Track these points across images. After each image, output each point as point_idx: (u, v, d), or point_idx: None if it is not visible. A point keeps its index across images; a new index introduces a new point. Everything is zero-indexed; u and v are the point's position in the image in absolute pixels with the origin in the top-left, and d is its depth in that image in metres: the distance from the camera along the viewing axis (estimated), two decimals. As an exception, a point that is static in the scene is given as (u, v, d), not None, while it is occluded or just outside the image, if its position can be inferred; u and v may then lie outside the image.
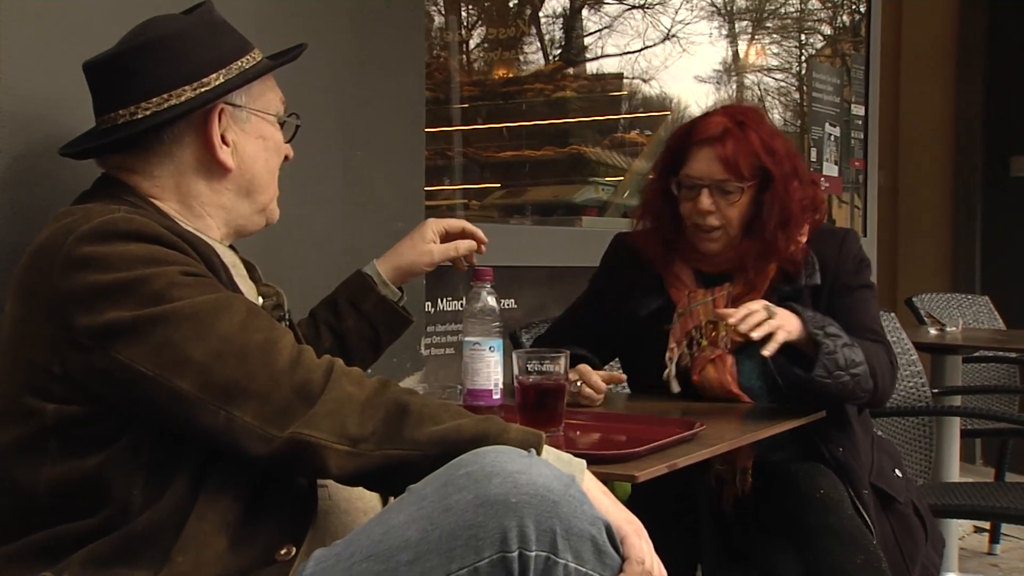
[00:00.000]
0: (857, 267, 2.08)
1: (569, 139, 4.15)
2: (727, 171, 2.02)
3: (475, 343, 1.69)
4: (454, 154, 3.70)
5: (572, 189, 4.10)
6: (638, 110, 4.53)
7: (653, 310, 2.11)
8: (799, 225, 2.04)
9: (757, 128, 2.04)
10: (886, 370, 1.97)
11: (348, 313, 1.81)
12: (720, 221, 2.04)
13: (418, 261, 1.82)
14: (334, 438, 1.25)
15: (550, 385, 1.65)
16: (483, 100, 3.95)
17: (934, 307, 3.96)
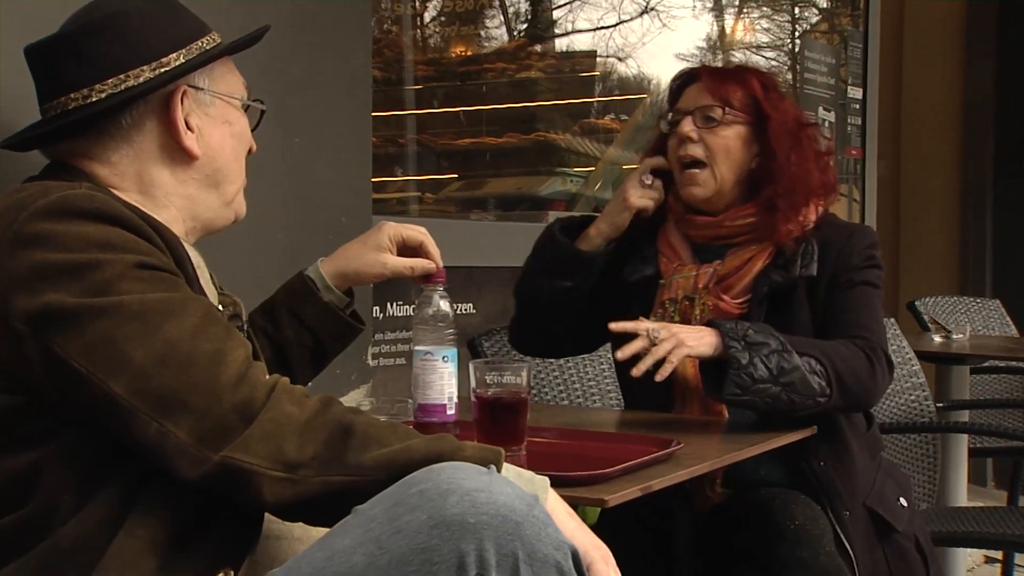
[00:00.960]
0: (863, 263, 2.11)
1: (535, 125, 4.18)
2: (713, 97, 2.10)
3: (426, 353, 1.72)
4: (406, 141, 3.72)
5: (538, 180, 4.13)
6: (613, 92, 4.57)
7: (642, 277, 2.17)
8: (803, 188, 2.08)
9: (761, 79, 2.13)
10: (859, 370, 1.98)
11: (288, 321, 1.82)
12: (704, 154, 2.10)
13: (367, 271, 1.81)
14: (269, 463, 1.27)
15: (511, 399, 1.67)
16: (438, 81, 3.97)
17: (939, 312, 4.02)
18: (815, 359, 1.93)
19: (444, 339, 1.73)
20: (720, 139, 2.09)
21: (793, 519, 1.95)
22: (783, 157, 2.07)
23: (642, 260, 2.19)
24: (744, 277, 2.09)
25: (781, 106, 2.11)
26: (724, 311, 2.08)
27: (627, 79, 4.58)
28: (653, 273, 2.17)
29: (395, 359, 2.98)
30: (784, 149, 2.07)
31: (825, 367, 1.93)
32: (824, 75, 4.92)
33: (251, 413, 1.28)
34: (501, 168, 4.16)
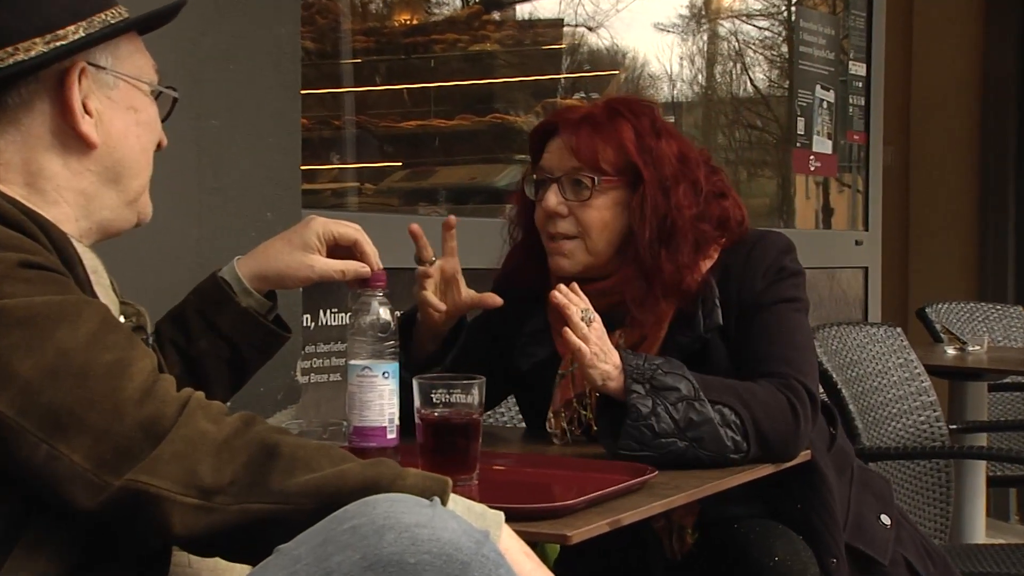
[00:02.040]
0: (771, 278, 2.10)
1: (491, 105, 4.19)
2: (581, 160, 2.06)
3: (364, 368, 1.72)
4: (342, 124, 3.72)
5: (494, 169, 4.14)
6: (582, 68, 4.58)
7: (538, 362, 2.16)
8: (690, 243, 2.06)
9: (635, 121, 2.09)
10: (780, 419, 1.96)
11: (201, 330, 1.81)
12: (574, 229, 2.08)
13: (291, 274, 1.80)
14: (180, 488, 1.27)
15: (461, 421, 1.68)
16: (380, 54, 3.97)
17: (953, 320, 4.07)
18: (730, 408, 1.92)
19: (384, 352, 1.74)
20: (593, 212, 2.07)
21: (772, 555, 1.98)
22: (662, 203, 2.05)
23: (533, 339, 2.19)
24: (651, 346, 2.09)
25: (657, 153, 2.07)
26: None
27: (598, 52, 4.59)
28: (548, 355, 2.16)
29: (328, 375, 2.98)
30: (667, 199, 2.05)
31: (742, 418, 1.92)
32: (822, 48, 4.96)
33: (159, 431, 1.28)
34: (452, 155, 4.16)
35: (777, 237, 2.15)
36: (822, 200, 5.34)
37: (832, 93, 5.02)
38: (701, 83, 4.90)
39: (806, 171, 4.97)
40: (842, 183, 5.28)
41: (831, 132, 4.99)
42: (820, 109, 4.92)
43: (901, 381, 3.07)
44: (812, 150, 4.90)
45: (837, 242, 5.10)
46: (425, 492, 1.29)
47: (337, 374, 2.97)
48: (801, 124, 4.86)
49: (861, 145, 5.23)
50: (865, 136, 5.20)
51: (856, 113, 5.17)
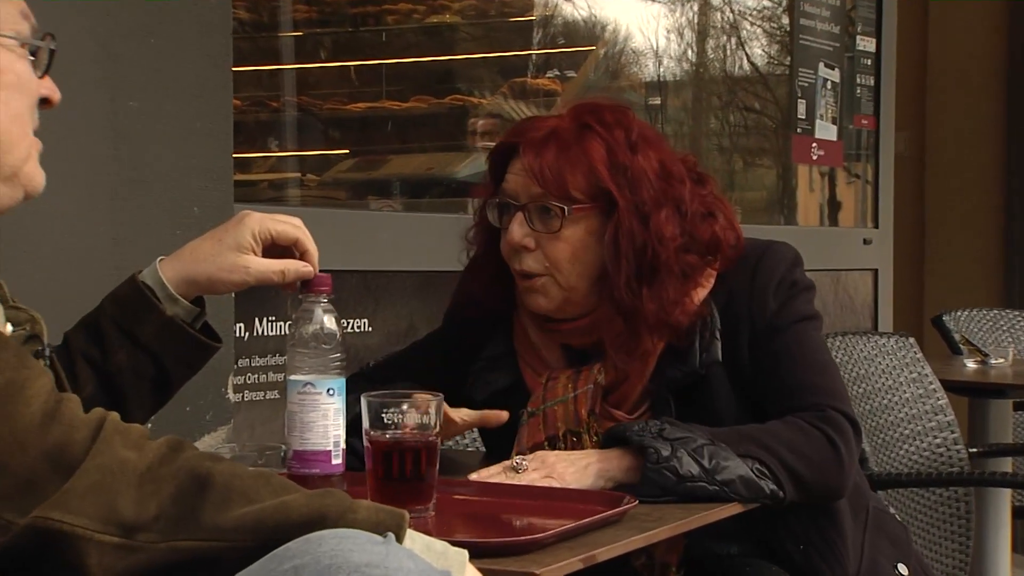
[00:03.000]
0: (783, 297, 2.10)
1: (451, 85, 4.20)
2: (546, 187, 2.04)
3: (306, 384, 1.72)
4: (280, 105, 3.71)
5: (455, 158, 4.15)
6: (555, 42, 4.59)
7: (497, 392, 2.15)
8: (676, 277, 2.05)
9: (607, 134, 2.06)
10: (818, 459, 1.96)
11: (119, 342, 1.80)
12: (541, 266, 2.06)
13: (223, 277, 1.79)
14: (98, 525, 1.26)
15: (416, 444, 1.69)
16: (324, 26, 3.97)
17: (974, 329, 4.10)
18: (757, 460, 1.92)
19: (329, 366, 1.74)
20: (563, 244, 2.06)
21: None
22: (641, 233, 2.02)
23: (492, 365, 2.18)
24: (637, 383, 2.09)
25: (634, 176, 2.05)
26: None
27: (575, 24, 4.60)
28: (510, 383, 2.16)
29: (264, 392, 2.97)
30: (647, 228, 2.03)
31: (770, 468, 1.92)
32: (826, 21, 4.99)
33: (70, 461, 1.28)
34: (407, 141, 4.16)
35: (782, 248, 2.15)
36: (827, 193, 5.37)
37: (837, 72, 5.04)
38: (691, 60, 4.91)
39: (807, 160, 4.99)
40: (851, 173, 5.31)
41: (836, 116, 5.01)
42: (823, 90, 4.94)
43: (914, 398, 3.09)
44: (814, 136, 4.92)
45: (843, 241, 5.13)
46: (378, 527, 1.29)
47: (275, 391, 2.96)
48: (802, 107, 4.88)
49: (870, 131, 5.26)
50: (875, 121, 5.23)
51: (864, 94, 5.19)
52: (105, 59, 2.27)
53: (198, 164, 2.43)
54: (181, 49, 2.40)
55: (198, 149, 2.43)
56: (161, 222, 2.35)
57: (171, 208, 2.37)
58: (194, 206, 2.39)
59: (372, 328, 3.30)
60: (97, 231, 2.27)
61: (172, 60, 2.38)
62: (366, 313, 3.28)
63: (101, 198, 2.28)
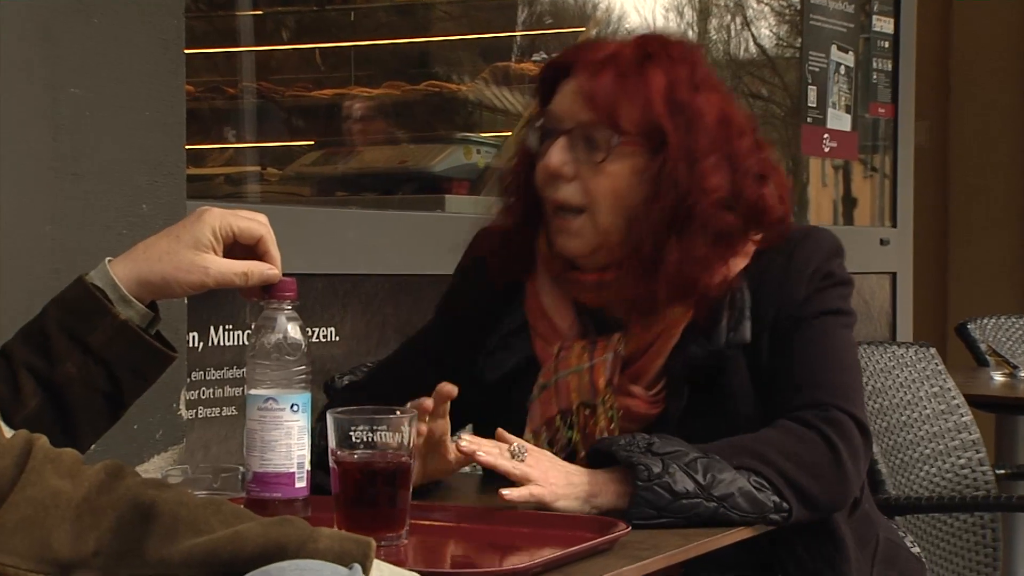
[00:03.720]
0: (816, 285, 2.11)
1: (427, 70, 4.20)
2: (596, 115, 2.06)
3: (267, 399, 1.72)
4: (238, 91, 3.72)
5: (430, 151, 4.15)
6: (542, 23, 4.60)
7: (508, 372, 2.16)
8: (708, 234, 2.05)
9: (670, 68, 2.08)
10: (818, 467, 1.97)
11: (67, 350, 1.79)
12: (582, 199, 2.08)
13: (180, 278, 1.78)
14: (31, 563, 1.26)
15: (387, 466, 1.69)
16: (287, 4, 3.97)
17: (1002, 338, 4.11)
18: (752, 472, 1.92)
19: (293, 379, 1.74)
20: (605, 180, 2.07)
21: None
22: (685, 179, 2.04)
23: (503, 344, 2.19)
24: (657, 357, 2.09)
25: (692, 117, 2.07)
26: (636, 414, 2.08)
27: (563, 4, 4.62)
28: (522, 362, 2.17)
29: (221, 409, 2.98)
30: (692, 174, 2.05)
31: (768, 479, 1.92)
32: (839, 1, 5.01)
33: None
34: (378, 132, 4.16)
35: (824, 236, 2.17)
36: (841, 188, 5.38)
37: (851, 55, 5.06)
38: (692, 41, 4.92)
39: (819, 152, 5.00)
40: (868, 167, 5.32)
41: (850, 104, 5.02)
42: (836, 75, 4.95)
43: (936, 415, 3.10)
44: (826, 126, 4.93)
45: (859, 241, 5.14)
46: (342, 557, 1.29)
47: (233, 407, 2.96)
48: (813, 94, 4.89)
49: (888, 120, 5.27)
50: (893, 109, 5.25)
51: (881, 80, 5.21)
52: (42, 40, 2.27)
53: (147, 157, 2.43)
54: (127, 30, 2.40)
55: (147, 141, 2.43)
56: (106, 221, 2.35)
57: (116, 206, 2.37)
58: (143, 203, 2.39)
59: (339, 337, 3.30)
60: (34, 231, 2.27)
61: (117, 42, 2.39)
62: (333, 321, 3.28)
63: (38, 195, 2.28)
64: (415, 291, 3.44)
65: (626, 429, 2.04)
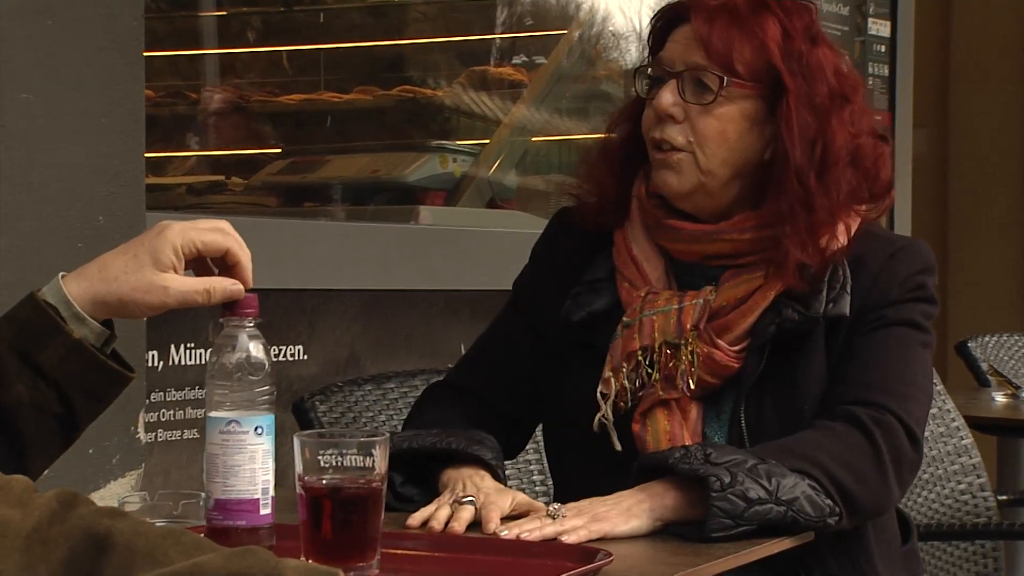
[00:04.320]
0: (906, 294, 2.17)
1: (401, 74, 4.21)
2: (708, 56, 2.14)
3: (229, 422, 1.72)
4: (202, 97, 3.72)
5: (404, 159, 4.15)
6: (522, 25, 4.61)
7: (592, 313, 2.21)
8: (847, 181, 2.13)
9: (786, 19, 2.16)
10: (861, 468, 2.02)
11: (17, 371, 1.78)
12: (685, 138, 2.14)
13: (138, 299, 1.76)
14: None
15: (357, 491, 1.68)
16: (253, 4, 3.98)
17: (1004, 357, 4.12)
18: (807, 475, 1.96)
19: (256, 401, 1.74)
20: (714, 121, 2.14)
21: None
22: (819, 125, 2.12)
23: (589, 288, 2.24)
24: (748, 315, 2.14)
25: (811, 66, 2.15)
26: (718, 364, 2.13)
27: (544, 4, 4.63)
28: (608, 306, 2.21)
29: (181, 431, 2.97)
30: (803, 142, 2.12)
31: (821, 482, 1.97)
32: (833, 1, 5.02)
33: None
34: (349, 139, 4.17)
35: (927, 250, 2.24)
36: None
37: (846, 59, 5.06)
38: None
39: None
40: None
41: (845, 111, 5.04)
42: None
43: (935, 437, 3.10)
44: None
45: (854, 254, 5.16)
46: (309, 589, 1.29)
47: (194, 430, 2.96)
48: (806, 100, 4.90)
49: (884, 127, 5.29)
50: (890, 116, 5.27)
51: (878, 86, 5.23)
52: (-6, 43, 2.27)
53: (103, 166, 2.43)
54: (83, 31, 2.40)
55: (104, 149, 2.43)
56: (60, 234, 2.34)
57: (71, 218, 2.36)
58: (99, 215, 2.39)
59: (308, 356, 3.30)
60: (-15, 244, 2.26)
61: (72, 44, 2.38)
62: (300, 339, 3.28)
63: (-10, 205, 2.28)
64: (388, 307, 3.44)
65: (703, 379, 2.12)
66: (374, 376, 2.54)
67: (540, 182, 4.55)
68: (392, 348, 2.97)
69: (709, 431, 2.15)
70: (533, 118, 4.46)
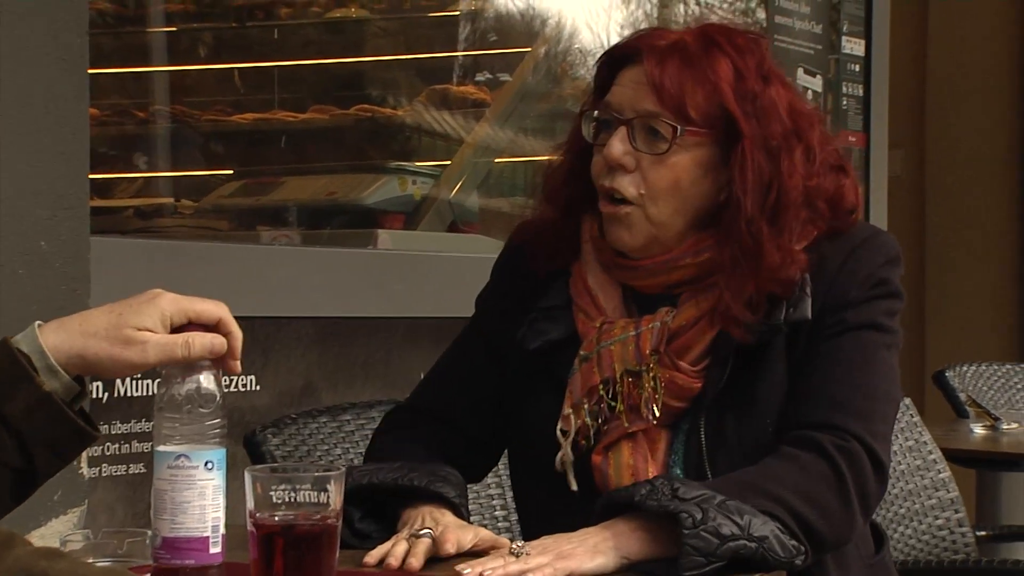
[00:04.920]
0: (867, 292, 2.17)
1: (359, 93, 4.21)
2: (661, 103, 2.13)
3: (178, 456, 1.71)
4: (149, 115, 3.71)
5: (362, 181, 4.15)
6: (486, 42, 4.62)
7: (548, 343, 2.21)
8: (800, 224, 2.14)
9: (738, 58, 2.16)
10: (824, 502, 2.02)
11: None
12: (639, 192, 2.14)
13: (116, 354, 1.75)
14: None
15: (311, 528, 1.68)
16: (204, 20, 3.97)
17: (983, 388, 4.12)
18: (771, 515, 1.96)
19: (207, 434, 1.73)
20: (667, 172, 2.14)
21: None
22: (770, 168, 2.12)
23: (546, 315, 2.24)
24: (708, 331, 2.15)
25: (764, 107, 2.15)
26: (681, 387, 2.14)
27: (509, 20, 4.64)
28: (565, 335, 2.21)
29: (127, 466, 2.96)
30: (757, 188, 2.11)
31: (786, 523, 1.97)
32: (806, 19, 5.05)
33: None
34: (304, 160, 4.17)
35: (889, 241, 2.24)
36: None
37: (819, 79, 5.10)
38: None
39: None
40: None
41: (819, 132, 5.05)
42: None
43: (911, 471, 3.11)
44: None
45: (829, 281, 5.17)
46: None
47: (141, 464, 2.95)
48: (778, 121, 4.91)
49: (860, 150, 5.31)
50: (864, 137, 5.29)
51: (852, 106, 5.25)
52: (-66, 60, 2.26)
53: (46, 188, 2.42)
54: (24, 48, 2.39)
55: (46, 170, 2.42)
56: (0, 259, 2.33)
57: (12, 242, 2.35)
58: (41, 240, 2.38)
59: (260, 387, 3.29)
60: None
61: (13, 60, 2.37)
62: (253, 368, 3.27)
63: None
64: (345, 336, 3.43)
65: (667, 403, 2.11)
66: (330, 408, 2.53)
67: (504, 204, 4.55)
68: (349, 378, 2.96)
69: (675, 458, 2.15)
70: (497, 138, 4.47)
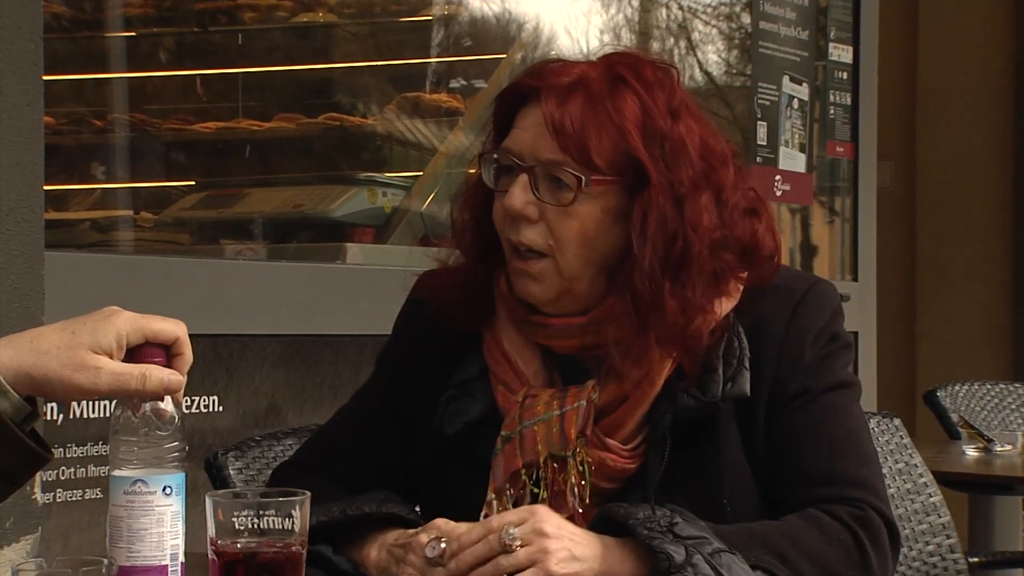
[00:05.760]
0: (821, 352, 2.14)
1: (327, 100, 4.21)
2: (563, 150, 2.07)
3: (135, 481, 1.71)
4: (107, 124, 3.70)
5: (330, 192, 4.15)
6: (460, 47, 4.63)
7: (468, 423, 2.16)
8: (705, 278, 2.08)
9: (646, 94, 2.10)
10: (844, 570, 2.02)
11: None
12: (543, 241, 2.09)
13: (67, 377, 1.75)
14: None
15: (275, 556, 1.68)
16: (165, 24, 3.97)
17: (976, 407, 4.13)
18: (765, 571, 1.94)
19: (165, 458, 1.73)
20: (574, 222, 2.08)
21: None
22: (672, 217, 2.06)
23: (463, 390, 2.20)
24: (637, 408, 2.11)
25: (674, 148, 2.09)
26: (612, 469, 2.10)
27: (485, 24, 4.64)
28: (484, 412, 2.17)
29: (83, 491, 2.95)
30: (662, 238, 2.06)
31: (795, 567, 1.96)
32: (791, 25, 5.06)
33: None
34: (270, 171, 4.17)
35: (830, 291, 2.20)
36: (799, 236, 5.42)
37: (806, 87, 5.10)
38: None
39: (769, 197, 5.03)
40: (831, 211, 5.36)
41: (804, 142, 5.06)
42: (789, 110, 4.99)
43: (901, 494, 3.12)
44: (778, 167, 4.97)
45: (816, 296, 5.17)
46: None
47: (97, 489, 2.94)
48: (762, 131, 4.93)
49: (848, 160, 5.32)
50: (852, 148, 5.29)
51: (840, 115, 5.26)
52: None
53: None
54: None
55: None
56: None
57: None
58: (-7, 253, 2.38)
59: (223, 407, 3.28)
60: None
61: (-33, 68, 2.38)
62: (216, 388, 3.27)
63: None
64: (311, 354, 3.43)
65: (599, 486, 2.07)
66: (295, 429, 2.53)
67: (477, 217, 4.55)
68: (316, 399, 2.96)
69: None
70: (471, 147, 4.47)
